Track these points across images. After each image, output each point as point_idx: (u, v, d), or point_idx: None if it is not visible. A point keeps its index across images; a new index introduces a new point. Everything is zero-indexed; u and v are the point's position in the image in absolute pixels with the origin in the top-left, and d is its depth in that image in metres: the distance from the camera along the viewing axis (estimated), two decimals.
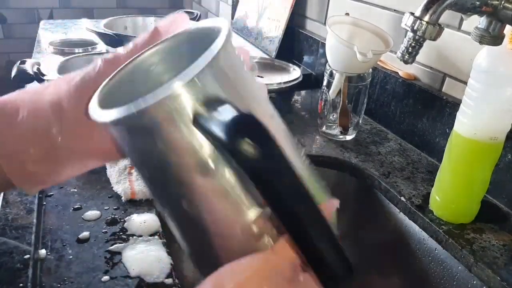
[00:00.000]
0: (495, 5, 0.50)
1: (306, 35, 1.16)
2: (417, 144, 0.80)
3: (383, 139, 0.84)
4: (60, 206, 0.57)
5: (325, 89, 0.81)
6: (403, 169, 0.73)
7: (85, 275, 0.47)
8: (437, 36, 0.52)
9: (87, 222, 0.55)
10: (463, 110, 0.56)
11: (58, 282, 0.46)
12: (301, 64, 1.18)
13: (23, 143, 0.34)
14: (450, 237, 0.57)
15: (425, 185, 0.68)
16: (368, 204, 0.73)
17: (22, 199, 0.55)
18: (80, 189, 0.61)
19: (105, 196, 0.60)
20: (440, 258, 0.60)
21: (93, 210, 0.57)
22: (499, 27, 0.51)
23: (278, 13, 1.21)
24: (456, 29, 0.72)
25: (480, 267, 0.53)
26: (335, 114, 0.82)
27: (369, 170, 0.72)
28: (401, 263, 0.67)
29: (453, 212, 0.60)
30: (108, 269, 0.48)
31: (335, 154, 0.77)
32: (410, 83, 0.80)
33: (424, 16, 0.51)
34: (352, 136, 0.83)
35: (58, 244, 0.51)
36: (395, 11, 0.85)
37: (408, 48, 0.54)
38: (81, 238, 0.52)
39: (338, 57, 0.77)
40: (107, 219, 0.56)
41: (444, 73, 0.76)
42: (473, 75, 0.54)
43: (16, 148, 0.34)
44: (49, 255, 0.49)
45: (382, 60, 0.89)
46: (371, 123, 0.90)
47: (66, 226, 0.54)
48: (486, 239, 0.57)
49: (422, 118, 0.78)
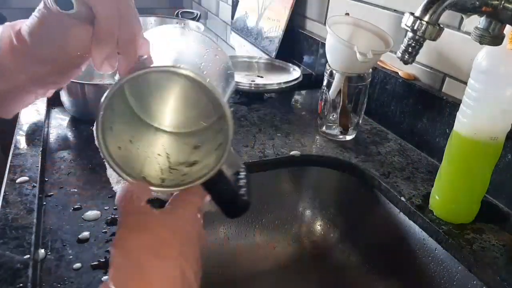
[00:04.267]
0: (495, 5, 0.50)
1: (306, 35, 1.16)
2: (417, 144, 0.80)
3: (383, 139, 0.84)
4: (60, 206, 0.57)
5: (325, 89, 0.81)
6: (403, 169, 0.73)
7: (85, 275, 0.47)
8: (437, 36, 0.52)
9: (87, 222, 0.55)
10: (463, 110, 0.56)
11: (58, 282, 0.46)
12: (301, 64, 1.18)
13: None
14: (450, 237, 0.57)
15: (425, 185, 0.68)
16: (368, 204, 0.73)
17: (22, 199, 0.55)
18: (80, 189, 0.61)
19: (105, 196, 0.60)
20: (440, 258, 0.60)
21: (93, 210, 0.57)
22: (499, 27, 0.51)
23: (278, 13, 1.21)
24: (456, 29, 0.72)
25: (480, 267, 0.53)
26: (335, 114, 0.82)
27: (369, 170, 0.72)
28: (401, 263, 0.67)
29: (453, 212, 0.60)
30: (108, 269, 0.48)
31: (335, 154, 0.77)
32: (410, 83, 0.80)
33: (424, 16, 0.51)
34: (352, 136, 0.83)
35: (58, 244, 0.51)
36: (395, 11, 0.85)
37: (408, 48, 0.54)
38: (81, 238, 0.52)
39: (338, 57, 0.77)
40: (107, 219, 0.56)
41: (444, 73, 0.76)
42: (473, 75, 0.54)
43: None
44: (49, 255, 0.49)
45: (382, 60, 0.89)
46: (371, 123, 0.90)
47: (66, 226, 0.54)
48: (486, 239, 0.57)
49: (422, 118, 0.78)
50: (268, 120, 0.89)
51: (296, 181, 0.80)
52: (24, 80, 0.39)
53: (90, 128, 0.76)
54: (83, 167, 0.66)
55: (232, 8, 1.56)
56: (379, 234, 0.72)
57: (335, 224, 0.79)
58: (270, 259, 0.78)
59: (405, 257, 0.66)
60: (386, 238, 0.70)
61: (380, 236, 0.72)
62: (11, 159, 0.63)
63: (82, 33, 0.36)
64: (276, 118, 0.90)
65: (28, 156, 0.64)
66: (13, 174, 0.60)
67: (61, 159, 0.68)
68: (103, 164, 0.67)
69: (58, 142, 0.73)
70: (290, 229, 0.81)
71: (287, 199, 0.80)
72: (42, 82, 0.40)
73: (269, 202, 0.79)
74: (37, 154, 0.65)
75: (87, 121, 0.79)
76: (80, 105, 0.79)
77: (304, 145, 0.79)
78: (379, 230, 0.72)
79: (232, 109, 0.47)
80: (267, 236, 0.79)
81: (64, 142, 0.74)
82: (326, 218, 0.80)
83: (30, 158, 0.64)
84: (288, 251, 0.79)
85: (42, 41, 0.37)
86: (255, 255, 0.78)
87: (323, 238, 0.80)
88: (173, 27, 0.52)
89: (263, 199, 0.78)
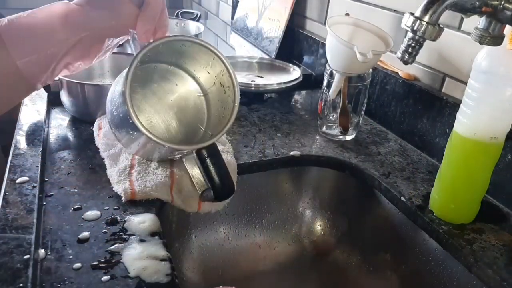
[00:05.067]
0: (495, 5, 0.50)
1: (306, 35, 1.16)
2: (417, 144, 0.80)
3: (383, 139, 0.84)
4: (60, 206, 0.57)
5: (325, 89, 0.81)
6: (403, 169, 0.73)
7: (85, 275, 0.47)
8: (437, 36, 0.52)
9: (87, 222, 0.55)
10: (463, 110, 0.56)
11: (58, 282, 0.46)
12: (301, 64, 1.18)
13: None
14: (450, 237, 0.57)
15: (425, 185, 0.68)
16: (368, 205, 0.73)
17: (22, 199, 0.55)
18: (80, 189, 0.61)
19: (105, 196, 0.60)
20: (440, 258, 0.60)
21: (93, 210, 0.57)
22: (499, 27, 0.51)
23: (278, 13, 1.21)
24: (456, 29, 0.72)
25: (480, 267, 0.53)
26: (335, 114, 0.82)
27: (369, 170, 0.72)
28: (401, 263, 0.68)
29: (453, 212, 0.60)
30: (108, 269, 0.48)
31: (335, 154, 0.77)
32: (410, 83, 0.80)
33: (424, 16, 0.51)
34: (352, 136, 0.83)
35: (58, 244, 0.51)
36: (395, 11, 0.85)
37: (408, 48, 0.54)
38: (81, 238, 0.52)
39: (338, 57, 0.77)
40: (107, 219, 0.56)
41: (444, 73, 0.76)
42: (473, 75, 0.54)
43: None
44: (49, 255, 0.49)
45: (382, 61, 0.89)
46: (371, 123, 0.90)
47: (66, 226, 0.54)
48: (486, 239, 0.57)
49: (422, 118, 0.78)
50: (268, 120, 0.89)
51: (296, 181, 0.80)
52: (71, 49, 0.47)
53: (90, 128, 0.76)
54: (83, 167, 0.66)
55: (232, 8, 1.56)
56: (379, 234, 0.72)
57: (335, 224, 0.79)
58: (270, 259, 0.78)
59: (405, 257, 0.66)
60: (386, 238, 0.70)
61: (380, 236, 0.72)
62: (11, 159, 0.63)
63: (131, 10, 0.48)
64: (276, 118, 0.90)
65: (28, 156, 0.64)
66: (13, 174, 0.60)
67: (61, 159, 0.68)
68: (103, 164, 0.67)
69: (58, 142, 0.73)
70: (290, 229, 0.81)
71: (287, 199, 0.80)
72: (83, 49, 0.49)
73: (269, 202, 0.79)
74: (37, 154, 0.65)
75: (87, 121, 0.79)
76: (80, 105, 0.79)
77: (304, 145, 0.79)
78: (379, 230, 0.72)
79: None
80: (267, 236, 0.79)
81: (64, 142, 0.74)
82: (326, 218, 0.80)
83: (30, 158, 0.64)
84: (288, 251, 0.79)
85: (100, 6, 0.47)
86: (255, 255, 0.78)
87: (323, 238, 0.80)
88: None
89: (263, 199, 0.78)
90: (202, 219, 0.75)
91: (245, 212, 0.78)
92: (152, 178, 0.62)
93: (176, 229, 0.70)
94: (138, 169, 0.63)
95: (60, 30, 0.46)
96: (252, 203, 0.78)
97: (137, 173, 0.62)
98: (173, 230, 0.69)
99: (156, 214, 0.57)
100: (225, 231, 0.77)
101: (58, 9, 0.47)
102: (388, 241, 0.70)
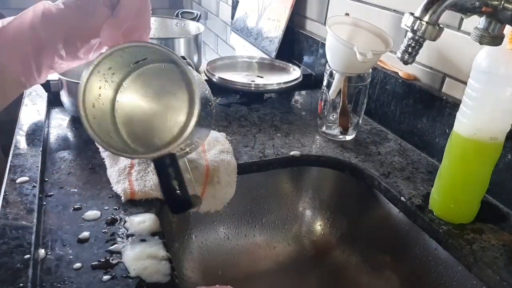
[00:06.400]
0: (495, 5, 0.50)
1: (306, 35, 1.16)
2: (417, 144, 0.80)
3: (383, 139, 0.84)
4: (60, 206, 0.57)
5: (325, 89, 0.81)
6: (403, 169, 0.73)
7: (85, 275, 0.47)
8: (437, 36, 0.52)
9: (87, 222, 0.55)
10: (463, 110, 0.56)
11: (58, 282, 0.46)
12: (301, 64, 1.18)
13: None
14: (450, 237, 0.57)
15: (425, 185, 0.68)
16: (368, 204, 0.73)
17: (22, 199, 0.55)
18: (80, 189, 0.61)
19: (105, 196, 0.60)
20: (440, 258, 0.60)
21: (93, 210, 0.57)
22: (499, 27, 0.51)
23: (278, 13, 1.21)
24: (456, 29, 0.72)
25: (480, 267, 0.53)
26: (335, 114, 0.82)
27: (369, 170, 0.72)
28: (401, 263, 0.68)
29: (453, 212, 0.60)
30: (108, 269, 0.48)
31: (335, 154, 0.77)
32: (410, 83, 0.80)
33: (424, 16, 0.51)
34: (352, 136, 0.83)
35: (58, 244, 0.51)
36: (395, 11, 0.85)
37: (408, 48, 0.54)
38: (81, 238, 0.52)
39: (338, 57, 0.77)
40: (107, 219, 0.56)
41: (444, 73, 0.76)
42: (473, 75, 0.54)
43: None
44: (49, 255, 0.49)
45: (382, 60, 0.89)
46: (371, 123, 0.90)
47: (66, 226, 0.54)
48: (486, 239, 0.57)
49: (422, 118, 0.78)
50: (268, 120, 0.89)
51: (296, 181, 0.80)
52: (47, 45, 0.48)
53: None
54: (83, 167, 0.66)
55: (232, 8, 1.56)
56: (379, 234, 0.72)
57: (335, 224, 0.79)
58: (270, 259, 0.78)
59: (405, 257, 0.66)
60: (386, 238, 0.70)
61: (380, 236, 0.72)
62: (11, 159, 0.63)
63: (103, 12, 0.47)
64: (276, 118, 0.90)
65: (28, 156, 0.64)
66: (13, 174, 0.60)
67: (61, 159, 0.68)
68: (103, 164, 0.67)
69: (58, 142, 0.73)
70: (290, 229, 0.81)
71: (287, 199, 0.80)
72: (64, 49, 0.49)
73: (269, 202, 0.79)
74: (37, 154, 0.65)
75: None
76: None
77: (304, 145, 0.79)
78: (379, 230, 0.72)
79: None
80: (267, 236, 0.79)
81: (64, 142, 0.74)
82: (326, 218, 0.80)
83: (30, 158, 0.64)
84: (288, 251, 0.79)
85: (76, 8, 0.48)
86: (255, 255, 0.78)
87: (323, 238, 0.80)
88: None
89: (263, 199, 0.78)
90: (202, 219, 0.75)
91: (245, 212, 0.78)
92: (152, 178, 0.62)
93: (176, 229, 0.70)
94: (137, 168, 0.63)
95: (38, 28, 0.47)
96: (252, 203, 0.78)
97: (137, 172, 0.63)
98: (173, 230, 0.69)
99: (156, 214, 0.57)
100: (225, 231, 0.77)
101: (37, 9, 0.48)
102: (388, 241, 0.70)
